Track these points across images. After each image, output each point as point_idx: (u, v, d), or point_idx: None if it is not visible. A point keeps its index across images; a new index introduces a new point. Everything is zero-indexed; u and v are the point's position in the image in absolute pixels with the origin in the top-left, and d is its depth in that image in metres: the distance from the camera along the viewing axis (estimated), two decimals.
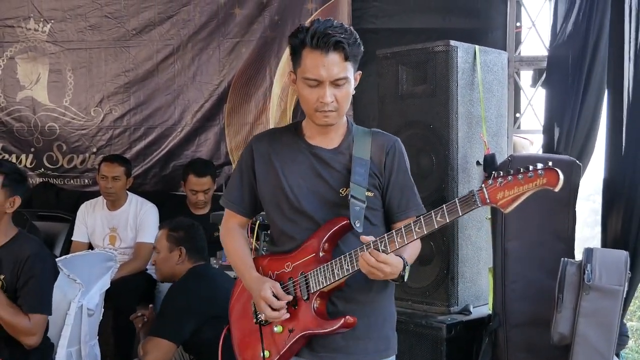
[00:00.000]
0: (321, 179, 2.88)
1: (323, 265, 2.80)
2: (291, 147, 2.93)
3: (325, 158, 2.89)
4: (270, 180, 2.93)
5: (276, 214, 2.94)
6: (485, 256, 4.52)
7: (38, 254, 4.03)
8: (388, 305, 3.02)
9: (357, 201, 2.79)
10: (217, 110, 6.76)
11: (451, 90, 4.32)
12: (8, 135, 7.09)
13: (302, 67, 2.77)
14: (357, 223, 2.77)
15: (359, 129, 2.99)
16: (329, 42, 2.70)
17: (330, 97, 2.75)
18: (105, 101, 6.93)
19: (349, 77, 2.79)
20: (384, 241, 2.68)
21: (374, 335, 2.93)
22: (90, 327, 4.62)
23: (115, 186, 5.99)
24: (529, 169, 2.46)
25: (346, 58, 2.75)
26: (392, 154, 2.91)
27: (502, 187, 2.50)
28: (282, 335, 2.89)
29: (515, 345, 4.14)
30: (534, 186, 2.46)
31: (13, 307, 3.90)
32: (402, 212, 2.93)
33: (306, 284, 2.84)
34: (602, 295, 3.64)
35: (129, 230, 6.00)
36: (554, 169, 2.43)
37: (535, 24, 6.11)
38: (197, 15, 6.73)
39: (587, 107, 4.97)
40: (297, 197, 2.87)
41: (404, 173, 2.95)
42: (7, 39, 7.02)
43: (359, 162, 2.85)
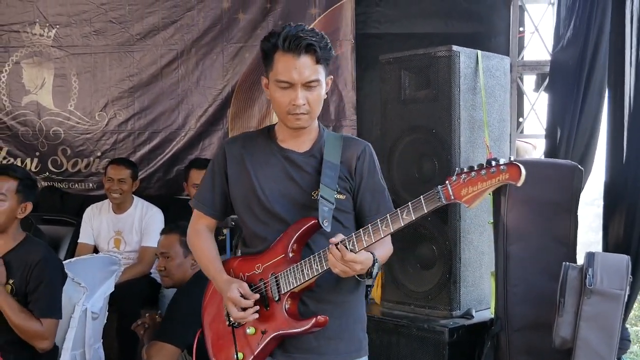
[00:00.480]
0: (293, 182, 2.92)
1: (293, 265, 2.83)
2: (264, 150, 2.97)
3: (296, 161, 2.93)
4: (242, 182, 2.97)
5: (248, 216, 2.98)
6: (487, 260, 4.53)
7: (47, 259, 4.06)
8: (359, 307, 3.06)
9: (326, 201, 2.82)
10: (220, 115, 6.78)
11: (453, 95, 4.33)
12: (13, 140, 7.10)
13: (274, 70, 2.81)
14: (325, 222, 2.80)
15: (330, 134, 3.02)
16: (301, 45, 2.75)
17: (302, 99, 2.79)
18: (109, 106, 6.95)
19: (321, 80, 2.83)
20: (352, 240, 2.70)
21: (345, 335, 2.97)
22: (94, 331, 4.64)
23: (121, 188, 6.02)
24: (491, 164, 2.48)
25: (318, 61, 2.80)
26: (362, 159, 2.95)
27: (466, 183, 2.52)
28: (255, 336, 2.92)
29: (517, 349, 4.15)
30: (496, 182, 2.49)
31: (24, 312, 3.92)
32: (373, 216, 2.93)
33: (277, 285, 2.87)
34: (604, 299, 3.65)
35: (134, 234, 6.02)
36: (516, 163, 2.45)
37: (538, 28, 6.13)
38: (200, 20, 6.75)
39: (588, 112, 4.98)
40: (269, 199, 2.91)
41: (375, 177, 2.99)
42: (12, 43, 7.04)
43: (328, 165, 2.88)
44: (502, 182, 2.48)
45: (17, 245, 4.08)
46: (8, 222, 4.03)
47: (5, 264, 3.98)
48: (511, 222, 4.17)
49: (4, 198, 3.99)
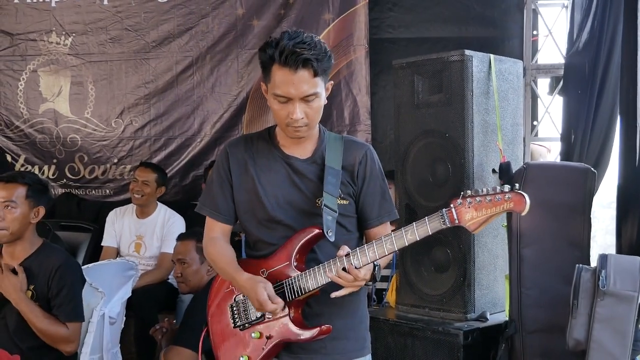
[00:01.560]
0: (297, 189, 2.91)
1: (297, 275, 2.84)
2: (266, 155, 2.96)
3: (299, 168, 2.92)
4: (246, 187, 2.95)
5: (251, 221, 2.97)
6: (501, 263, 4.53)
7: (67, 264, 4.12)
8: (362, 307, 3.08)
9: (330, 210, 2.83)
10: (235, 121, 6.83)
11: (466, 99, 4.34)
12: (31, 147, 7.18)
13: (272, 83, 2.78)
14: (329, 232, 2.81)
15: (331, 136, 3.00)
16: (298, 60, 2.70)
17: (300, 113, 2.76)
18: (125, 112, 7.01)
19: (319, 92, 2.78)
20: (357, 255, 2.73)
21: (350, 335, 2.99)
22: (112, 335, 4.67)
23: (143, 190, 6.07)
24: (496, 191, 2.54)
25: (315, 74, 2.74)
26: (364, 163, 2.95)
27: (471, 208, 2.58)
28: (260, 340, 2.92)
29: (531, 351, 4.15)
30: (501, 209, 2.55)
31: (49, 317, 3.97)
32: (376, 218, 2.98)
33: (282, 293, 2.86)
34: (617, 301, 3.65)
35: (154, 240, 6.06)
36: (521, 193, 2.51)
37: (552, 32, 6.14)
38: (215, 27, 6.80)
39: (602, 115, 4.99)
40: (274, 207, 2.90)
41: (377, 180, 2.99)
42: (29, 52, 7.12)
43: (330, 171, 2.88)
44: (506, 210, 2.55)
45: (36, 251, 4.12)
46: (22, 228, 4.06)
47: (25, 270, 4.02)
48: (525, 225, 4.17)
49: (15, 205, 4.02)
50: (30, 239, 4.11)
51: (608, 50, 5.03)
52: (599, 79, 5.04)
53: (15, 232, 4.04)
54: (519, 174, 4.22)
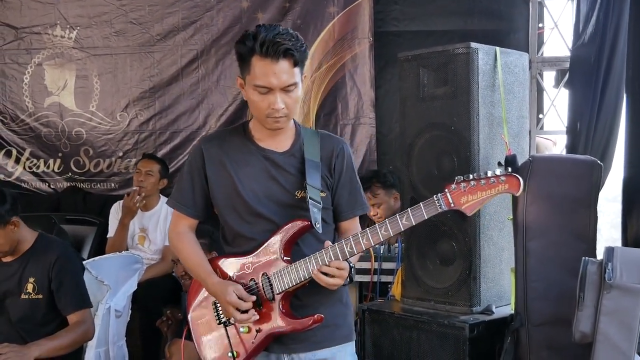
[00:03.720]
0: (276, 182, 2.93)
1: (286, 267, 2.86)
2: (242, 150, 2.97)
3: (278, 161, 2.94)
4: (224, 183, 2.96)
5: (232, 216, 2.98)
6: (507, 256, 4.53)
7: (65, 254, 4.16)
8: (346, 296, 3.11)
9: (315, 202, 2.87)
10: (241, 114, 6.81)
11: (472, 92, 4.33)
12: (36, 141, 7.19)
13: (252, 75, 2.79)
14: (317, 224, 2.85)
15: (307, 130, 3.05)
16: (279, 50, 2.73)
17: (281, 103, 2.79)
18: (130, 106, 7.02)
19: (298, 82, 2.82)
20: (350, 243, 2.78)
21: (339, 321, 3.03)
22: (118, 328, 4.69)
23: (146, 181, 6.08)
24: (489, 174, 2.61)
25: (295, 64, 2.79)
26: (341, 156, 3.00)
27: (466, 191, 2.66)
28: (249, 335, 2.94)
29: (537, 344, 4.15)
30: (496, 191, 2.63)
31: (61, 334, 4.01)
32: (350, 211, 3.05)
33: (270, 285, 2.89)
34: (623, 294, 3.64)
35: (158, 232, 6.07)
36: (514, 175, 2.59)
37: (558, 24, 6.12)
38: (220, 20, 6.79)
39: (607, 108, 4.97)
40: (254, 201, 2.92)
41: (351, 174, 3.04)
42: (34, 45, 7.13)
43: (311, 164, 2.92)
44: (501, 192, 2.63)
45: (32, 245, 4.15)
46: (13, 243, 4.07)
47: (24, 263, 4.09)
48: (530, 218, 4.17)
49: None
50: (23, 240, 4.14)
51: (612, 42, 5.01)
52: (603, 72, 5.03)
53: (8, 250, 4.09)
54: (524, 166, 4.22)
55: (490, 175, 2.61)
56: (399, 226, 2.73)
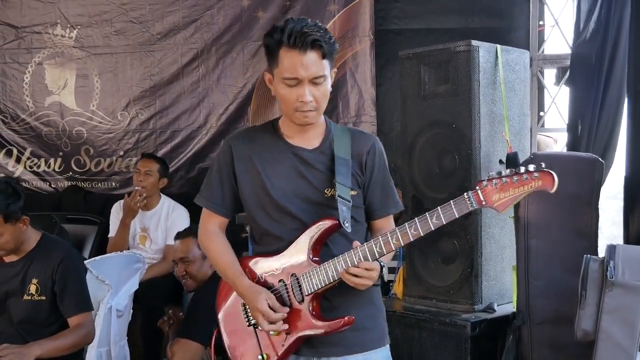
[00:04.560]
0: (305, 180, 2.87)
1: (315, 267, 2.80)
2: (271, 147, 2.91)
3: (307, 159, 2.88)
4: (252, 181, 2.91)
5: (260, 215, 2.92)
6: (509, 254, 4.53)
7: (69, 256, 4.15)
8: (378, 296, 3.04)
9: (344, 201, 2.80)
10: (241, 113, 6.81)
11: (473, 89, 4.33)
12: (37, 140, 7.19)
13: (280, 67, 2.76)
14: (346, 223, 2.78)
15: (337, 128, 2.98)
16: (307, 41, 2.68)
17: (310, 96, 2.74)
18: (131, 105, 7.01)
19: (327, 75, 2.77)
20: (379, 243, 2.71)
21: (370, 325, 2.95)
22: (119, 328, 4.68)
23: (146, 181, 6.06)
24: (523, 171, 2.50)
25: (324, 56, 2.73)
26: (372, 153, 2.92)
27: (498, 189, 2.55)
28: (278, 338, 2.87)
29: (539, 342, 4.15)
30: (529, 188, 2.51)
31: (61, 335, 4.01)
32: (383, 209, 2.97)
33: (299, 286, 2.83)
34: (625, 292, 3.64)
35: (159, 232, 6.06)
36: (549, 171, 2.47)
37: (559, 22, 6.12)
38: (220, 19, 6.78)
39: (609, 105, 4.97)
40: (281, 198, 2.86)
41: (384, 171, 2.97)
42: (35, 45, 7.12)
43: (341, 161, 2.85)
44: (534, 189, 2.50)
45: (36, 246, 4.13)
46: (18, 241, 4.06)
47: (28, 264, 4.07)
48: (532, 215, 4.17)
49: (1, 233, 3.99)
50: (27, 240, 4.13)
51: (614, 40, 5.01)
52: (606, 69, 5.02)
53: (14, 248, 4.07)
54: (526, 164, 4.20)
55: (523, 172, 2.51)
56: (429, 225, 2.64)
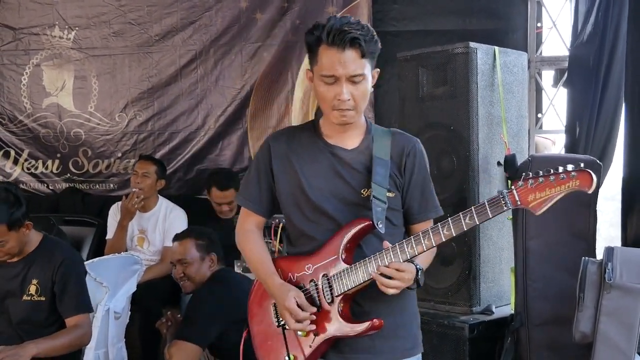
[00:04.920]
0: (342, 180, 2.83)
1: (346, 267, 2.76)
2: (310, 146, 2.89)
3: (345, 158, 2.84)
4: (289, 180, 2.88)
5: (296, 214, 2.90)
6: (507, 256, 4.53)
7: (70, 258, 4.16)
8: (412, 304, 2.99)
9: (379, 202, 2.75)
10: (240, 114, 6.81)
11: (471, 91, 4.34)
12: (34, 142, 7.18)
13: (319, 65, 2.73)
14: (379, 224, 2.73)
15: (378, 129, 2.94)
16: (345, 39, 2.66)
17: (347, 94, 2.70)
18: (129, 106, 7.01)
19: (366, 74, 2.74)
20: (411, 243, 2.67)
21: (401, 333, 2.90)
22: (117, 330, 4.68)
23: (143, 183, 6.06)
24: (560, 170, 2.44)
25: (363, 55, 2.70)
26: (412, 155, 2.87)
27: (533, 188, 2.49)
28: (306, 339, 2.84)
29: (537, 344, 4.15)
30: (566, 188, 2.45)
31: (58, 335, 4.00)
32: (422, 213, 2.91)
33: (329, 287, 2.79)
34: (623, 294, 3.64)
35: (157, 234, 6.06)
36: (587, 170, 2.41)
37: (556, 24, 6.12)
38: (219, 21, 6.78)
39: (607, 107, 4.97)
40: (318, 197, 2.83)
41: (424, 174, 2.91)
42: (32, 46, 7.12)
43: (379, 162, 2.81)
44: (572, 189, 2.45)
45: (37, 247, 4.14)
46: (22, 245, 4.06)
47: (28, 265, 4.07)
48: (530, 217, 4.17)
49: (5, 240, 3.99)
50: (30, 242, 4.13)
51: (612, 42, 5.01)
52: (603, 71, 5.02)
53: (18, 252, 4.08)
54: (524, 166, 4.21)
55: (560, 171, 2.44)
56: (462, 226, 2.60)
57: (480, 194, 4.38)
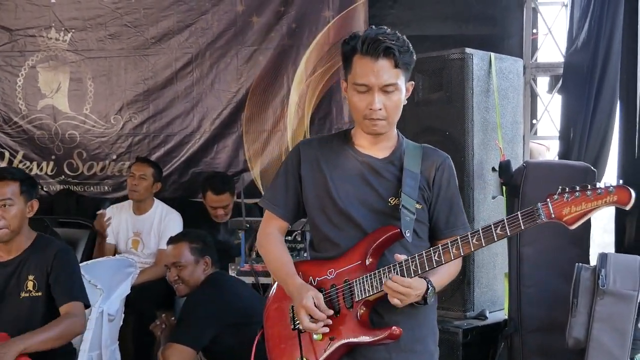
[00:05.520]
0: (370, 187, 2.83)
1: (369, 273, 2.74)
2: (340, 153, 2.89)
3: (375, 167, 2.85)
4: (317, 184, 2.89)
5: (321, 219, 2.90)
6: (501, 261, 4.54)
7: (64, 250, 4.16)
8: (432, 318, 2.98)
9: (408, 212, 2.75)
10: (235, 118, 6.81)
11: (467, 97, 4.34)
12: (29, 143, 7.16)
13: (352, 74, 2.75)
14: (407, 232, 2.72)
15: (410, 144, 2.94)
16: (379, 48, 2.67)
17: (379, 104, 2.71)
18: (124, 109, 7.00)
19: (399, 85, 2.74)
20: (438, 251, 2.65)
21: (417, 348, 2.88)
22: (110, 332, 4.67)
23: (140, 185, 6.05)
24: (598, 186, 2.42)
25: (396, 65, 2.71)
26: (442, 170, 2.88)
27: (569, 202, 2.46)
28: (322, 343, 2.82)
29: (530, 349, 4.16)
30: (603, 203, 2.42)
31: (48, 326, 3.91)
32: (450, 230, 2.88)
33: (350, 292, 2.78)
34: (617, 300, 3.65)
35: (152, 236, 6.05)
36: (626, 187, 2.39)
37: (552, 30, 6.14)
38: (215, 24, 6.78)
39: (601, 114, 4.99)
40: (345, 203, 2.83)
41: (453, 190, 2.92)
42: (28, 48, 7.10)
43: (409, 174, 2.81)
44: (608, 204, 2.42)
45: (32, 244, 4.14)
46: (21, 224, 4.09)
47: (23, 262, 4.06)
48: None
49: (12, 202, 4.04)
50: (26, 234, 4.15)
51: (606, 49, 5.03)
52: (597, 78, 5.04)
53: (15, 229, 4.07)
54: (518, 172, 4.23)
55: (598, 186, 2.42)
56: (492, 237, 2.58)
57: (475, 199, 4.39)
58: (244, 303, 4.38)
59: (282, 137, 6.72)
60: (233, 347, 4.23)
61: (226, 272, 4.91)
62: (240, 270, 5.01)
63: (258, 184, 6.76)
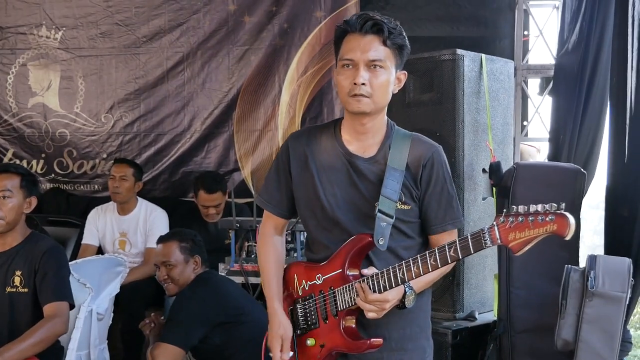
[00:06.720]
0: (356, 190, 2.79)
1: (348, 284, 2.74)
2: (328, 151, 2.84)
3: (360, 168, 2.79)
4: (306, 185, 2.86)
5: (311, 221, 2.89)
6: (490, 263, 4.55)
7: (53, 249, 4.13)
8: (422, 315, 2.96)
9: (385, 216, 2.70)
10: (226, 117, 6.81)
11: (457, 98, 4.35)
12: (19, 141, 7.14)
13: (341, 53, 2.72)
14: (380, 241, 2.69)
15: (399, 133, 2.85)
16: (367, 24, 2.66)
17: (363, 79, 2.65)
18: (115, 108, 6.98)
19: (387, 65, 2.69)
20: (402, 269, 2.62)
21: (409, 346, 2.88)
22: (99, 331, 4.66)
23: (121, 186, 6.02)
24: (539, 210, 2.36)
25: (385, 42, 2.67)
26: (429, 166, 2.79)
27: (513, 228, 2.40)
28: (314, 348, 2.86)
29: (519, 351, 4.16)
30: (544, 231, 2.36)
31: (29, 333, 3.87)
32: (439, 225, 2.84)
33: (334, 301, 2.79)
34: (605, 302, 3.66)
35: (138, 235, 6.03)
36: (565, 215, 2.32)
37: (543, 32, 6.15)
38: (207, 23, 6.78)
39: (590, 116, 5.00)
40: (332, 206, 2.80)
41: (442, 184, 2.83)
42: (19, 45, 7.08)
43: (391, 173, 2.74)
44: (548, 232, 2.36)
45: (24, 240, 4.14)
46: (17, 218, 4.09)
47: (12, 256, 4.06)
48: None
49: (11, 194, 4.05)
50: (20, 229, 4.15)
51: (596, 51, 5.04)
52: (587, 80, 5.05)
53: (11, 222, 4.06)
54: (508, 174, 4.23)
55: (540, 211, 2.35)
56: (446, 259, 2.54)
57: (465, 200, 4.39)
58: (233, 302, 4.37)
59: (273, 136, 6.72)
60: (221, 346, 4.23)
61: (216, 272, 4.90)
62: (230, 270, 5.00)
63: (249, 183, 6.76)
